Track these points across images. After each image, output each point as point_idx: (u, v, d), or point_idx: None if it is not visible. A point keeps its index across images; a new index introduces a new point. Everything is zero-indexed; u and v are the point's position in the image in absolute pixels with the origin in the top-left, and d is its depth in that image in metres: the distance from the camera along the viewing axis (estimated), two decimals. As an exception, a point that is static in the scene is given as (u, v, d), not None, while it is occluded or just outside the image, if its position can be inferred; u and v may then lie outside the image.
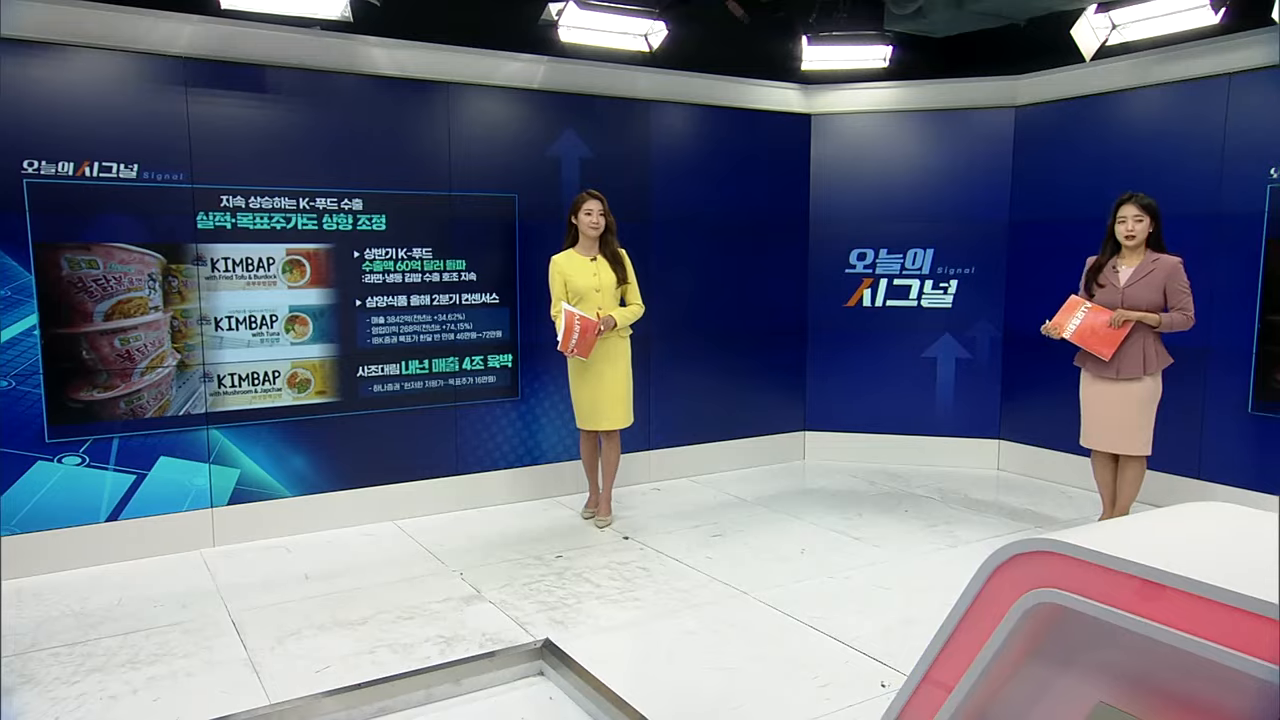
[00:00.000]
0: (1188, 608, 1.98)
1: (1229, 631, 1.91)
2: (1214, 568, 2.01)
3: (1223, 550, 2.23)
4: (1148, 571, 2.07)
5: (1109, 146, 5.32)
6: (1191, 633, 1.97)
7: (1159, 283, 4.18)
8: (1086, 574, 2.19)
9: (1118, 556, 2.13)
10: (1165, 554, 2.12)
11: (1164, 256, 4.21)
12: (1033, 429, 5.85)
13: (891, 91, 6.02)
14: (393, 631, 3.53)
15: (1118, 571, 2.12)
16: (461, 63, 4.98)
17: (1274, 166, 4.58)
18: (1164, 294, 4.16)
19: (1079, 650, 2.33)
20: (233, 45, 4.38)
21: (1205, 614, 1.95)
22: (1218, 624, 1.92)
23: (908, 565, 4.30)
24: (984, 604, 2.42)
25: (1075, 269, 4.58)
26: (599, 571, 4.22)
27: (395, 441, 5.01)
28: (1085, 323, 4.21)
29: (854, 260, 6.19)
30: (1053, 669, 2.38)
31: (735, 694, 3.05)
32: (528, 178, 5.25)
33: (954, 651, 2.49)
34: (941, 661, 2.53)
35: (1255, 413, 4.74)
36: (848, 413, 6.31)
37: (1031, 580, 2.31)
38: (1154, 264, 4.21)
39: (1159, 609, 2.05)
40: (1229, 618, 1.90)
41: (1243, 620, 1.88)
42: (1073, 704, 2.32)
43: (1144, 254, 4.24)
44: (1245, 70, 4.68)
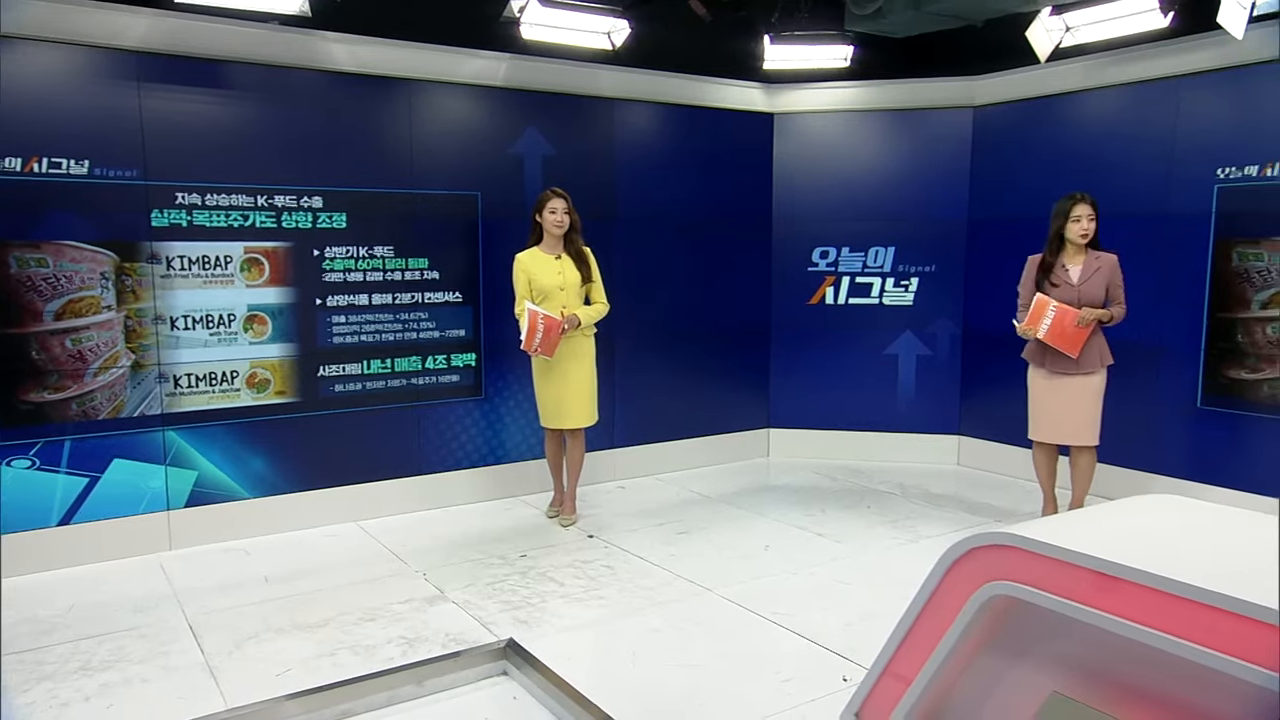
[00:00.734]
0: (1140, 599, 2.03)
1: (1181, 623, 1.95)
2: (1165, 560, 2.06)
3: (1173, 542, 2.28)
4: (1100, 564, 2.11)
5: (1064, 147, 5.42)
6: (1144, 624, 2.01)
7: (1105, 279, 4.36)
8: (1040, 567, 2.23)
9: (1071, 549, 2.17)
10: (1117, 546, 2.17)
11: (1105, 254, 4.39)
12: (992, 424, 5.94)
13: (853, 91, 6.07)
14: (354, 633, 3.50)
15: (1071, 564, 2.17)
16: (423, 60, 4.93)
17: (1221, 167, 4.69)
18: (1107, 289, 4.36)
19: (1033, 641, 2.37)
20: (187, 39, 4.30)
21: (1157, 605, 1.99)
22: (1170, 615, 1.97)
23: (869, 560, 4.35)
24: (942, 597, 2.46)
25: (1033, 268, 4.67)
26: (563, 570, 4.21)
27: (357, 441, 4.95)
28: (1054, 322, 4.30)
29: (817, 258, 6.23)
30: (1008, 660, 2.43)
31: (699, 691, 3.06)
32: (490, 176, 5.21)
33: (913, 644, 2.53)
34: (901, 654, 2.57)
35: (1204, 407, 4.86)
36: (811, 409, 6.36)
37: (987, 573, 2.35)
38: (1098, 261, 4.37)
39: (1112, 601, 2.09)
40: (1181, 609, 1.95)
41: (1194, 611, 1.93)
42: (1027, 694, 2.36)
43: (1086, 252, 4.36)
44: (1193, 73, 4.79)
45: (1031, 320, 4.34)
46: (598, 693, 2.94)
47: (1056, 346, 4.34)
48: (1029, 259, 4.55)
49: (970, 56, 5.79)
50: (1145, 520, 2.49)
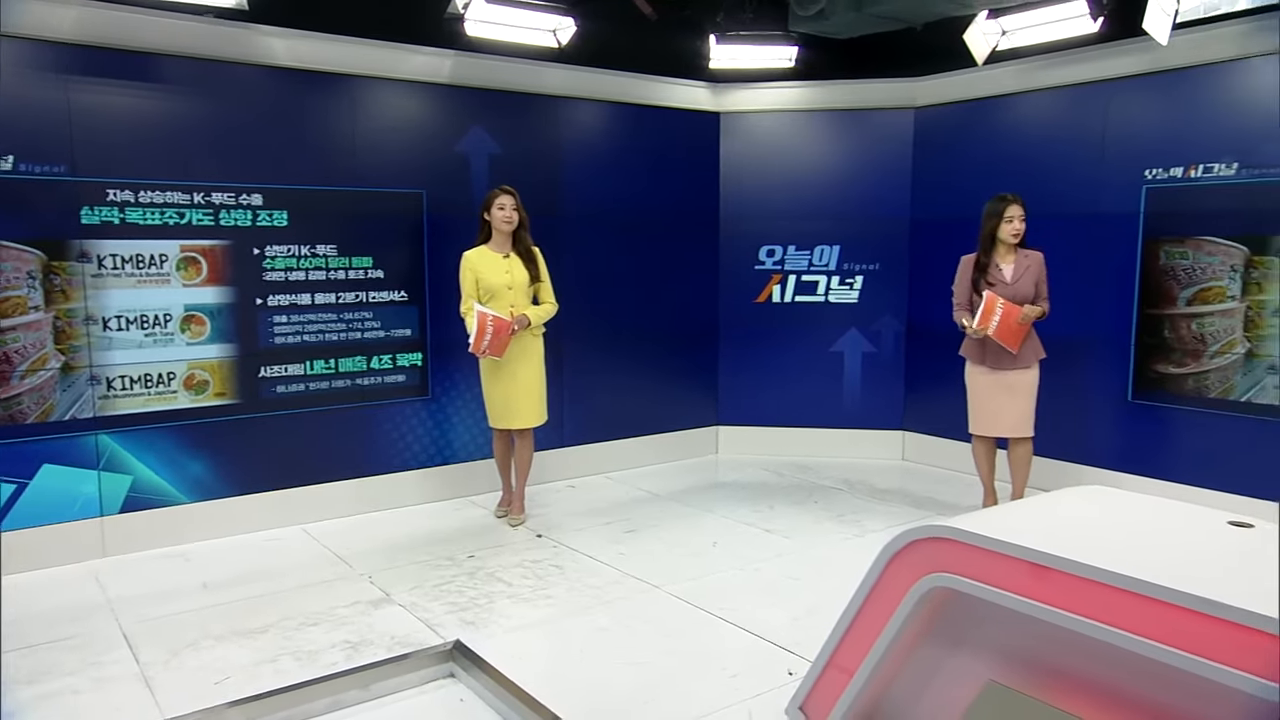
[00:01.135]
0: (1072, 589, 2.08)
1: (1113, 611, 2.01)
2: (1095, 549, 2.12)
3: (1103, 532, 2.34)
4: (1032, 554, 2.17)
5: (1001, 147, 5.54)
6: (1076, 612, 2.07)
7: (1035, 277, 4.51)
8: (976, 558, 2.28)
9: (1004, 540, 2.23)
10: (1050, 537, 2.22)
11: (1032, 252, 4.54)
12: (935, 420, 6.05)
13: (797, 91, 6.13)
14: (296, 639, 3.43)
15: (1005, 555, 2.22)
16: (365, 55, 4.86)
17: (1148, 169, 4.84)
18: (1035, 286, 4.51)
19: (970, 631, 2.42)
20: (118, 31, 4.17)
21: (1090, 595, 2.05)
22: (1101, 604, 2.02)
23: (816, 555, 4.39)
24: (882, 590, 2.50)
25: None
26: (511, 570, 4.18)
27: (300, 443, 4.86)
28: (1002, 319, 4.41)
29: (763, 257, 6.28)
30: (946, 650, 2.47)
31: (647, 688, 3.07)
32: (436, 173, 5.16)
33: (855, 637, 2.57)
34: (843, 647, 2.60)
35: (1134, 401, 5.01)
36: (759, 407, 6.41)
37: (926, 566, 2.39)
38: (1028, 259, 4.52)
39: (1045, 590, 2.14)
40: (1113, 598, 2.00)
41: (1125, 600, 1.99)
42: (965, 683, 2.41)
43: (1016, 251, 4.51)
44: (1122, 77, 4.93)
45: (984, 318, 4.43)
46: (545, 693, 2.93)
47: (1002, 343, 4.44)
48: (962, 259, 4.65)
49: (911, 58, 5.89)
50: (1077, 511, 2.56)
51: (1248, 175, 4.49)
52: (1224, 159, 4.55)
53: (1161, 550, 2.17)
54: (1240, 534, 2.27)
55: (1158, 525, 2.39)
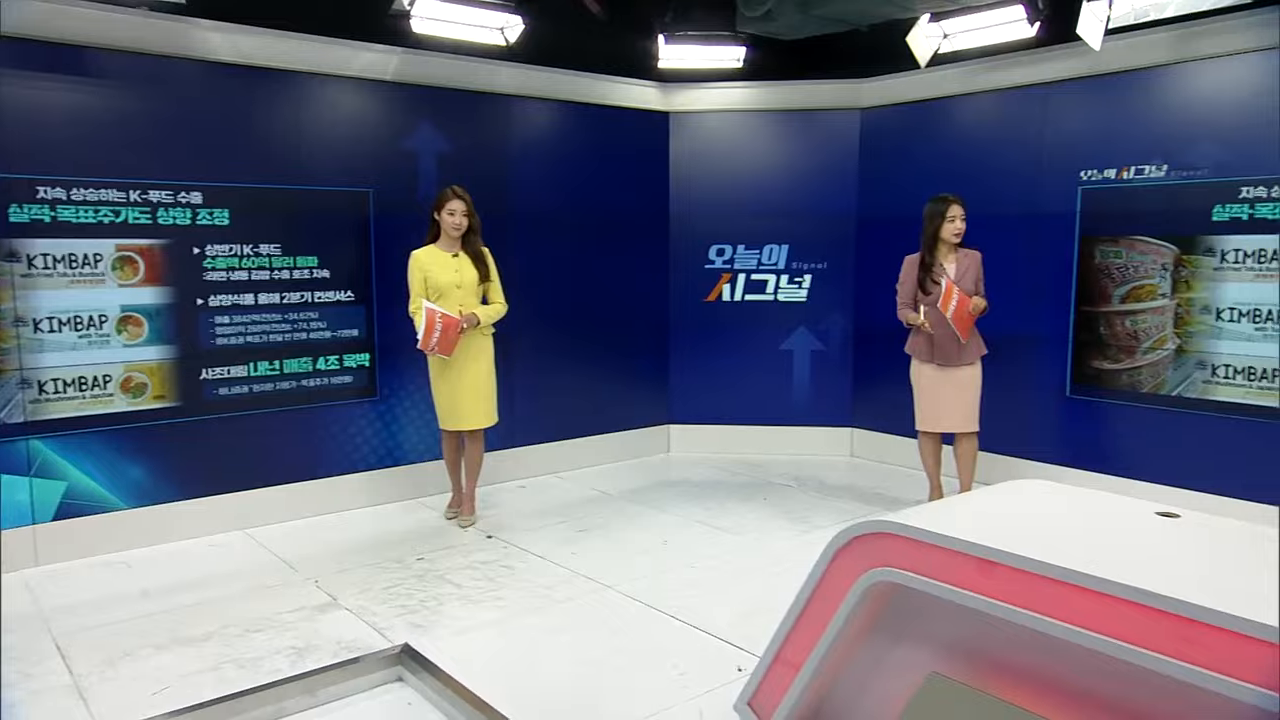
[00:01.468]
0: (1012, 581, 2.13)
1: (1050, 602, 2.06)
2: (1034, 542, 2.17)
3: (1041, 525, 2.40)
4: (972, 548, 2.21)
5: (943, 148, 5.65)
6: (1015, 604, 2.11)
7: (975, 275, 4.62)
8: (917, 552, 2.31)
9: (945, 534, 2.26)
10: (989, 531, 2.27)
11: (971, 250, 4.65)
12: (882, 416, 6.13)
13: (746, 91, 6.17)
14: (239, 646, 3.36)
15: (945, 549, 2.26)
16: (309, 52, 4.77)
17: (1084, 170, 4.97)
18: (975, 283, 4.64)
19: (912, 624, 2.46)
20: (49, 23, 4.03)
21: (1027, 586, 2.09)
22: (1039, 596, 2.07)
23: (766, 552, 4.43)
24: (827, 585, 2.53)
25: (917, 265, 4.86)
26: (461, 572, 4.14)
27: (244, 446, 4.76)
28: (958, 305, 4.51)
29: (713, 256, 6.32)
30: (890, 643, 2.51)
31: (597, 687, 3.06)
32: (383, 172, 5.09)
33: (801, 632, 2.59)
34: (790, 642, 2.63)
35: (1072, 395, 5.14)
36: (710, 405, 6.44)
37: (869, 561, 2.42)
38: (967, 258, 4.64)
39: (984, 583, 2.19)
40: (1050, 589, 2.05)
41: (1062, 591, 2.04)
42: (908, 675, 2.45)
43: (956, 250, 4.62)
44: (1059, 80, 5.06)
45: (944, 302, 4.50)
46: (494, 694, 2.91)
47: (955, 328, 4.53)
48: (906, 259, 4.74)
49: (857, 60, 5.97)
50: (1015, 505, 2.62)
51: (1176, 177, 4.63)
52: (1154, 161, 4.70)
53: (1094, 542, 2.22)
54: (1168, 524, 2.34)
55: (1090, 517, 2.45)
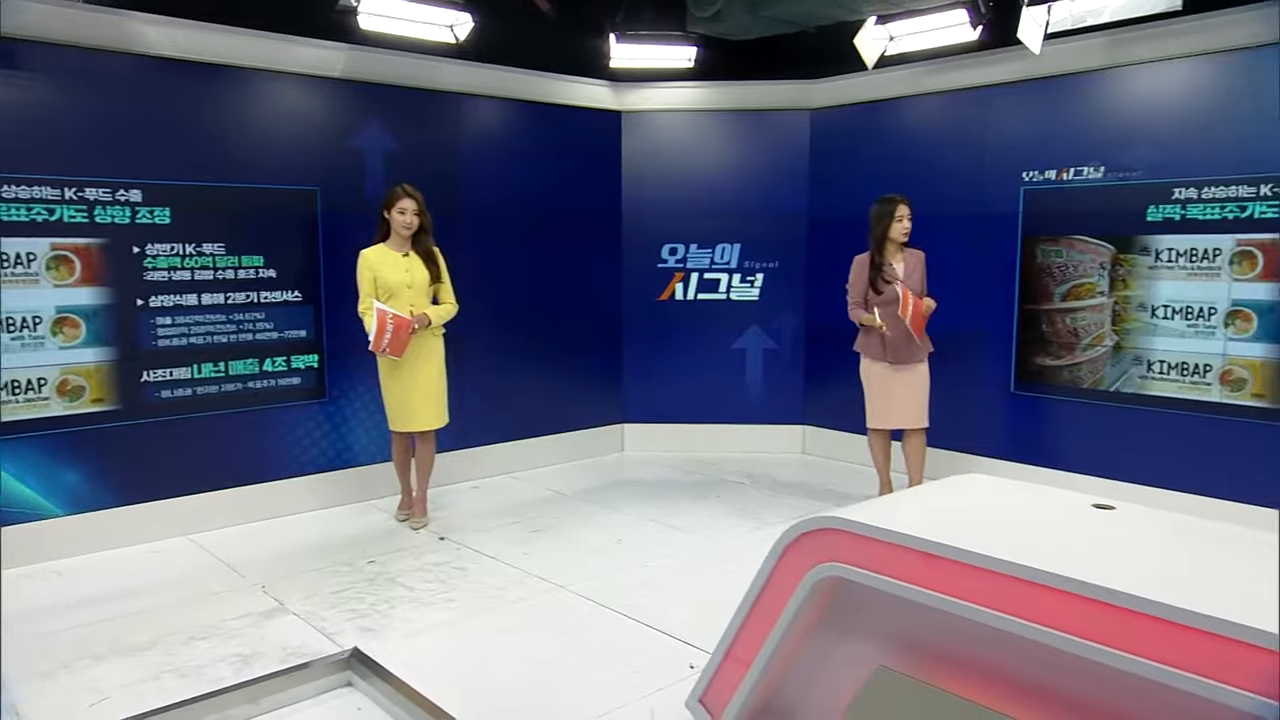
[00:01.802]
0: (953, 574, 2.17)
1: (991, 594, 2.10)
2: (975, 535, 2.21)
3: (982, 519, 2.44)
4: (915, 541, 2.24)
5: (891, 149, 5.73)
6: (959, 597, 2.15)
7: (920, 273, 4.72)
8: (864, 547, 2.34)
9: (890, 529, 2.30)
10: (933, 525, 2.30)
11: (915, 250, 4.73)
12: (833, 413, 6.21)
13: (698, 91, 6.19)
14: (182, 654, 3.28)
15: (890, 543, 2.29)
16: (252, 46, 4.67)
17: (1025, 171, 5.08)
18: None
19: (860, 619, 2.49)
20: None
21: (969, 580, 2.13)
22: (981, 589, 2.11)
23: (718, 549, 4.45)
24: (776, 581, 2.55)
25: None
26: (412, 575, 4.10)
27: (188, 450, 4.65)
28: (913, 309, 4.57)
29: (666, 255, 6.33)
30: (838, 637, 2.54)
31: (549, 687, 3.05)
32: (330, 170, 5.01)
33: (751, 628, 2.61)
34: (740, 638, 2.64)
35: (1016, 392, 5.26)
36: (664, 404, 6.46)
37: (816, 556, 2.44)
38: (913, 258, 4.72)
39: (928, 576, 2.22)
40: (991, 582, 2.09)
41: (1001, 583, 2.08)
42: (856, 669, 2.48)
43: (903, 249, 4.69)
44: (1001, 83, 5.17)
45: (903, 307, 4.57)
46: (445, 697, 2.88)
47: (912, 329, 4.60)
48: (856, 259, 4.79)
49: (807, 61, 6.03)
50: (958, 499, 2.67)
51: (1113, 178, 4.76)
52: (1092, 162, 4.82)
53: (1032, 534, 2.27)
54: (1104, 516, 2.40)
55: (1029, 511, 2.50)
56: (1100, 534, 2.28)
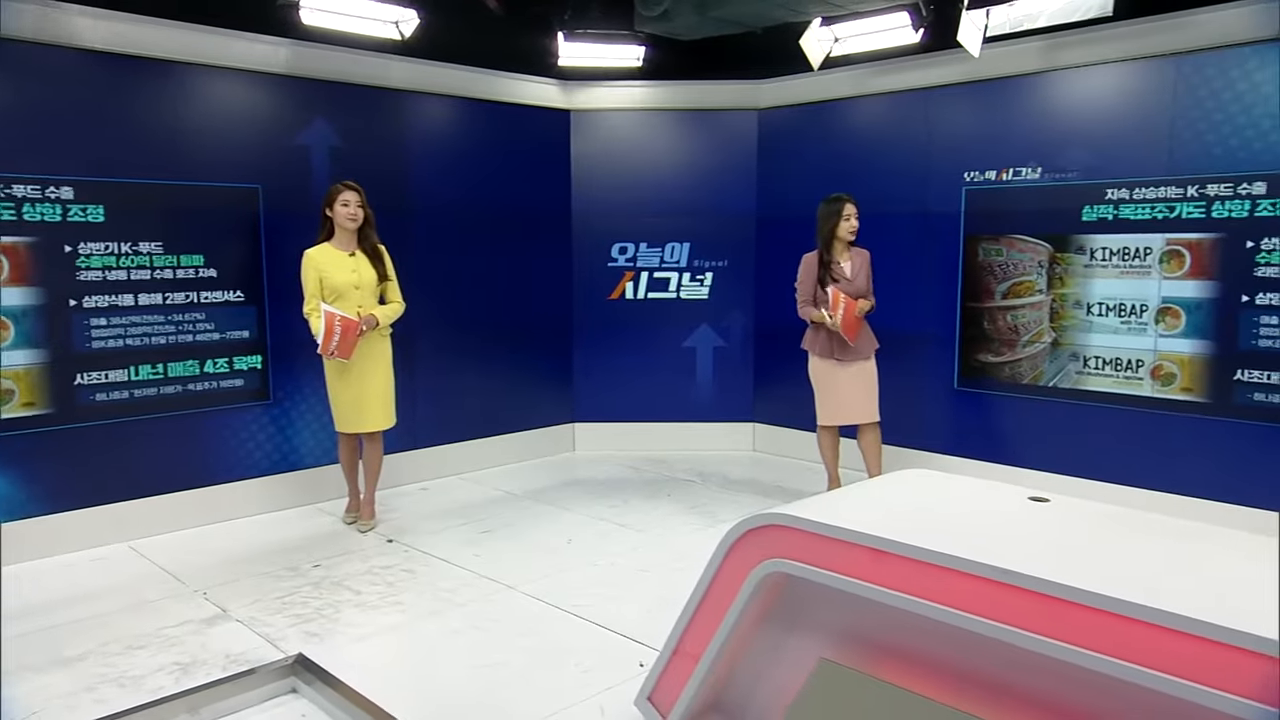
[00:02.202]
0: (892, 567, 2.21)
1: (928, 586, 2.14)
2: (915, 530, 2.25)
3: (922, 513, 2.49)
4: (856, 536, 2.28)
5: (837, 149, 5.81)
6: (895, 589, 2.19)
7: (866, 272, 4.77)
8: (806, 543, 2.37)
9: (831, 524, 2.33)
10: (874, 520, 2.34)
11: (861, 249, 4.79)
12: (782, 411, 6.27)
13: (646, 90, 6.21)
14: (120, 664, 3.20)
15: (832, 538, 2.32)
16: (188, 40, 4.57)
17: (967, 171, 5.19)
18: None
19: (804, 613, 2.53)
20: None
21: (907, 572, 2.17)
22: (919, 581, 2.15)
23: (668, 547, 4.47)
24: (723, 578, 2.57)
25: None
26: (359, 578, 4.05)
27: (125, 454, 4.53)
28: (845, 311, 4.61)
29: (616, 254, 6.34)
30: (783, 632, 2.57)
31: (499, 688, 3.04)
32: (273, 168, 4.92)
33: (699, 624, 2.63)
34: (688, 635, 2.66)
35: (960, 388, 5.37)
36: (615, 403, 6.46)
37: (762, 552, 2.47)
38: (859, 257, 4.78)
39: (868, 570, 2.26)
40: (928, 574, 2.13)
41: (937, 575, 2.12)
42: (801, 662, 2.52)
43: (850, 248, 4.74)
44: (943, 85, 5.27)
45: (833, 310, 4.63)
46: (392, 700, 2.86)
47: (844, 333, 4.65)
48: (805, 257, 4.84)
49: (755, 61, 6.07)
50: (899, 494, 2.71)
51: (1050, 179, 4.89)
52: (1030, 163, 4.94)
53: (969, 527, 2.33)
54: (1040, 508, 2.47)
55: (967, 504, 2.56)
56: (1035, 526, 2.34)
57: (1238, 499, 4.36)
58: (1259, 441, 4.31)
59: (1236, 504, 4.35)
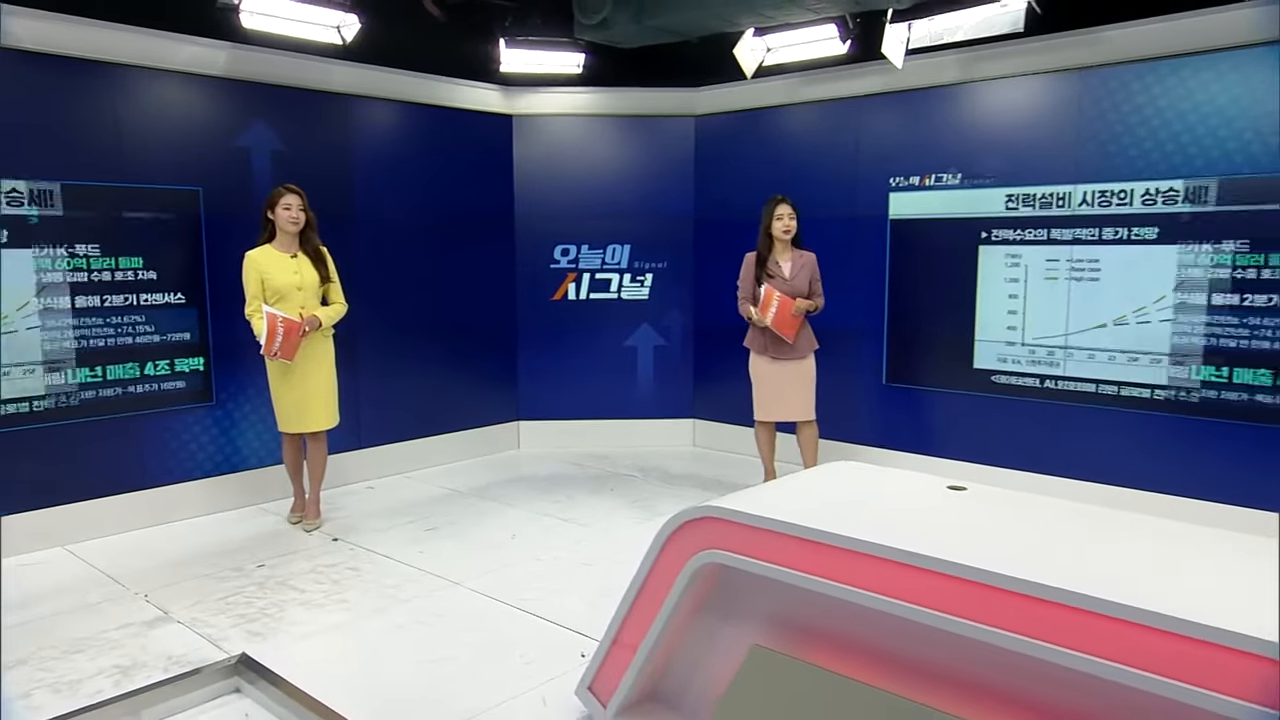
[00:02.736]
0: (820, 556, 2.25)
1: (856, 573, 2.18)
2: (841, 519, 2.30)
3: (848, 503, 2.54)
4: (788, 527, 2.31)
5: (771, 154, 5.88)
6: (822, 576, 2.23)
7: (809, 274, 4.79)
8: (738, 534, 2.40)
9: (762, 516, 2.37)
10: (802, 511, 2.38)
11: (806, 252, 4.81)
12: (721, 407, 6.32)
13: (587, 96, 6.20)
14: (57, 669, 3.09)
15: (762, 529, 2.36)
16: (124, 43, 4.42)
17: (893, 176, 5.30)
18: (809, 283, 4.78)
19: (738, 602, 2.56)
20: None
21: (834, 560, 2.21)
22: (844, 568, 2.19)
23: (610, 541, 4.48)
24: (660, 569, 2.59)
25: (754, 264, 5.05)
26: (304, 577, 3.97)
27: (62, 458, 4.37)
28: (779, 310, 4.66)
29: (558, 256, 6.32)
30: (719, 621, 2.60)
31: (443, 682, 3.01)
32: (214, 170, 4.79)
33: (637, 615, 2.64)
34: (627, 625, 2.67)
35: (888, 384, 5.48)
36: (558, 401, 6.45)
37: (697, 544, 2.49)
38: (802, 258, 4.80)
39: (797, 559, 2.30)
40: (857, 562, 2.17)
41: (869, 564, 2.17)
42: (736, 650, 2.55)
43: (793, 250, 4.77)
44: (869, 94, 5.37)
45: (763, 309, 4.68)
46: (336, 697, 2.82)
47: (779, 331, 4.70)
48: (746, 256, 4.89)
49: (691, 69, 6.11)
50: (828, 486, 2.76)
51: (969, 184, 5.02)
52: (950, 169, 5.07)
53: (890, 515, 2.38)
54: (959, 496, 2.54)
55: (890, 494, 2.62)
56: (953, 513, 2.41)
57: (1137, 484, 4.54)
58: (1143, 428, 4.50)
59: (1139, 489, 4.54)
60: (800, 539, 2.25)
